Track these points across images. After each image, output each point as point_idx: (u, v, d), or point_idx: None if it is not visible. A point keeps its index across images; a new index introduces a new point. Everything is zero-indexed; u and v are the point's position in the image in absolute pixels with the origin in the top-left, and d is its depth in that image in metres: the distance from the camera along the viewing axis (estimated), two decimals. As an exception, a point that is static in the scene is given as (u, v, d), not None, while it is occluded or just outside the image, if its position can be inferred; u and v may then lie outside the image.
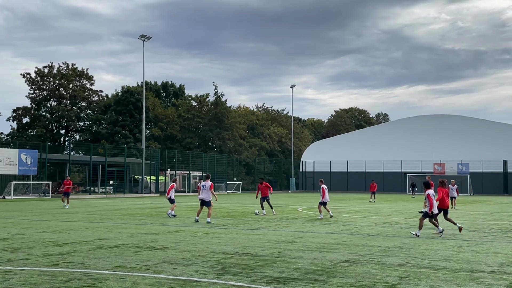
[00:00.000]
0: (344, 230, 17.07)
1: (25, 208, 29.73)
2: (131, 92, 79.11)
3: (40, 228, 17.51)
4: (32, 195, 45.91)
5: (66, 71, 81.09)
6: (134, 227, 18.09)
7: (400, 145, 72.32)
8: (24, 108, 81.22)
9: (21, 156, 43.29)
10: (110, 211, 27.19)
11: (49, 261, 10.51)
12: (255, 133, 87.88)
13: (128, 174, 54.03)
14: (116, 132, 77.25)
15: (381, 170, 70.75)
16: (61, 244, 13.24)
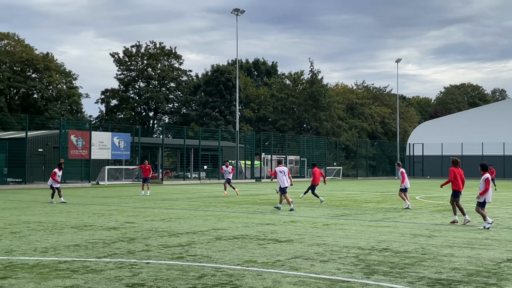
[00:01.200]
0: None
1: (123, 194, 30.64)
2: (221, 71, 79.94)
3: (147, 216, 17.76)
4: (125, 180, 47.55)
5: (154, 50, 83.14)
6: (244, 216, 17.93)
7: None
8: (112, 90, 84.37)
9: (114, 140, 44.80)
10: (211, 198, 27.40)
11: (171, 253, 10.42)
12: (355, 113, 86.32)
13: (221, 159, 54.65)
14: (206, 114, 78.50)
15: (501, 153, 67.23)
16: (176, 234, 13.23)
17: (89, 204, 23.07)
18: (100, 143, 43.64)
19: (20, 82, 72.21)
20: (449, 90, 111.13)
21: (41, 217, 17.17)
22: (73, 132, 42.30)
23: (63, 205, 22.34)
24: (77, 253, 10.47)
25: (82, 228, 14.32)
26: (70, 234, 13.21)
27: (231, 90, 79.52)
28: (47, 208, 20.63)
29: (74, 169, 43.61)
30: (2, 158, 40.77)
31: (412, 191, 35.65)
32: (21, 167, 40.81)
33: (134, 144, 47.50)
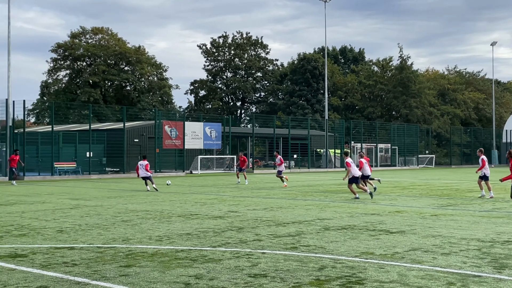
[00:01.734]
0: None
1: (218, 183, 31.03)
2: (308, 60, 79.39)
3: (248, 205, 17.81)
4: (216, 169, 48.25)
5: (240, 40, 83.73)
6: (345, 205, 17.62)
7: None
8: (200, 80, 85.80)
9: (206, 129, 45.51)
10: (306, 187, 27.24)
11: (284, 243, 10.31)
12: (447, 99, 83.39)
13: (310, 148, 54.36)
14: (293, 103, 78.33)
15: None
16: (283, 224, 13.14)
17: (188, 193, 23.48)
18: (192, 133, 44.46)
19: (114, 75, 74.82)
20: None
21: (146, 206, 17.59)
22: (167, 123, 43.31)
23: (166, 194, 22.84)
24: (191, 242, 10.57)
25: (189, 217, 14.51)
26: (179, 222, 13.41)
27: (318, 78, 78.88)
28: (150, 197, 21.15)
29: (168, 158, 44.71)
30: (101, 148, 42.37)
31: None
32: (118, 157, 42.27)
33: (225, 133, 48.04)
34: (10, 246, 10.12)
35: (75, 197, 21.39)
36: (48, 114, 73.90)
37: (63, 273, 7.84)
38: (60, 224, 13.25)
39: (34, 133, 44.62)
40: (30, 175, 36.27)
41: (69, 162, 39.91)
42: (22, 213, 15.62)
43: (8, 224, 13.28)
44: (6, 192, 24.35)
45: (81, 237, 11.24)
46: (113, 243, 10.42)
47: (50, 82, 77.45)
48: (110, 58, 76.10)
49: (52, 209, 16.66)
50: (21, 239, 11.01)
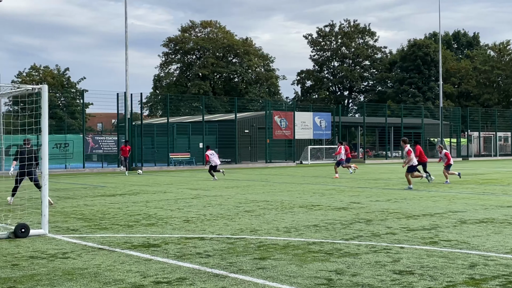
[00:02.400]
0: None
1: (331, 173, 30.46)
2: (419, 46, 76.63)
3: (369, 196, 17.19)
4: (326, 160, 47.63)
5: (348, 28, 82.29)
6: (475, 197, 16.53)
7: None
8: (307, 71, 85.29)
9: (315, 119, 44.99)
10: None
11: (421, 237, 9.66)
12: None
13: (423, 137, 52.39)
14: (403, 91, 75.99)
15: None
16: (412, 216, 12.42)
17: (303, 183, 23.15)
18: (302, 123, 44.11)
19: (222, 67, 76.05)
20: None
21: (265, 196, 17.42)
22: (277, 113, 43.24)
23: (281, 184, 22.63)
24: (320, 234, 10.17)
25: (311, 208, 14.13)
26: (302, 213, 13.06)
27: (429, 65, 75.98)
28: (266, 187, 21.02)
29: (278, 149, 44.69)
30: (213, 139, 43.02)
31: None
32: (230, 147, 42.76)
33: (335, 123, 47.29)
34: (142, 236, 10.19)
35: (194, 187, 21.66)
36: (161, 107, 76.50)
37: (199, 264, 7.69)
38: (185, 214, 13.31)
39: (150, 125, 46.12)
40: (147, 165, 37.46)
41: (183, 153, 40.87)
42: (147, 203, 15.92)
43: (136, 213, 13.52)
44: (128, 182, 25.17)
45: (208, 227, 11.17)
46: (241, 234, 10.23)
47: (162, 76, 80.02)
48: (218, 50, 77.39)
49: (174, 199, 16.88)
50: (151, 228, 11.10)
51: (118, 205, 15.32)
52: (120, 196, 17.92)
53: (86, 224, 11.82)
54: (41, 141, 10.49)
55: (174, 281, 6.81)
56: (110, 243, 9.45)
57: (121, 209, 14.50)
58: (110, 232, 10.72)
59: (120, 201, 16.54)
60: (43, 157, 10.53)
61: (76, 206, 15.29)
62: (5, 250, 8.87)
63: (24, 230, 10.05)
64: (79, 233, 10.64)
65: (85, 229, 11.07)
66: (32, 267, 7.66)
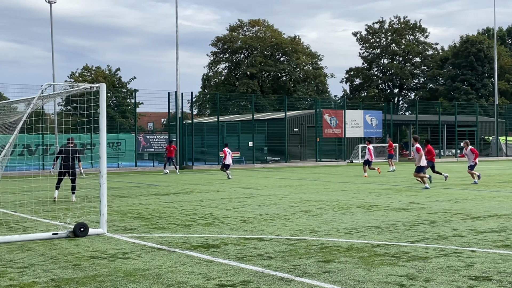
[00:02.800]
0: None
1: (383, 173, 29.83)
2: (472, 42, 74.57)
3: (428, 196, 16.64)
4: (377, 158, 46.78)
5: (398, 25, 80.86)
6: (541, 198, 15.81)
7: None
8: (356, 68, 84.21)
9: (366, 117, 44.26)
10: (484, 177, 25.22)
11: (491, 240, 9.17)
12: None
13: (477, 135, 50.93)
14: (455, 88, 74.12)
15: None
16: (478, 217, 11.89)
17: (358, 182, 22.68)
18: (352, 121, 43.47)
19: (270, 66, 75.79)
20: None
21: (320, 196, 17.08)
22: (327, 111, 42.73)
23: (335, 184, 22.24)
24: (383, 235, 9.79)
25: (370, 208, 13.73)
26: (361, 214, 12.68)
27: (483, 62, 73.88)
28: (319, 187, 20.67)
29: (328, 147, 44.16)
30: (262, 138, 42.86)
31: None
32: (279, 146, 42.49)
33: (386, 121, 46.43)
34: (200, 236, 10.03)
35: (246, 186, 21.49)
36: (209, 106, 76.85)
37: (262, 266, 7.45)
38: (241, 213, 13.11)
39: (199, 124, 46.29)
40: (198, 164, 37.56)
41: (233, 151, 40.80)
42: (201, 202, 15.81)
43: (191, 212, 13.40)
44: (180, 180, 25.20)
45: (266, 227, 10.93)
46: (301, 235, 9.95)
47: (210, 75, 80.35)
48: (266, 49, 77.18)
49: (228, 198, 16.72)
50: (208, 228, 10.94)
51: (173, 204, 15.25)
52: (174, 195, 17.88)
53: (143, 223, 11.75)
54: (99, 140, 10.45)
55: (238, 284, 6.58)
56: (169, 243, 9.31)
57: (176, 208, 14.42)
58: (168, 231, 10.60)
59: (174, 200, 16.48)
60: (101, 156, 10.48)
61: (131, 205, 15.30)
62: (66, 250, 8.84)
63: (83, 229, 10.03)
64: (137, 232, 10.56)
65: (143, 229, 10.99)
66: (94, 267, 7.57)
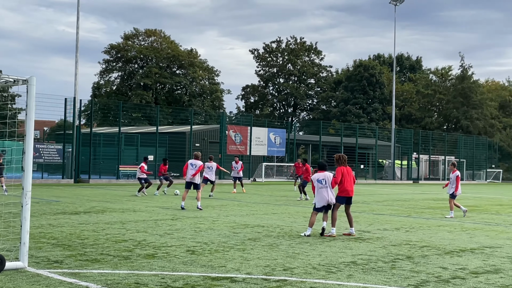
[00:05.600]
0: None
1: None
2: (365, 67, 76.79)
3: (371, 223, 15.49)
4: (277, 177, 46.02)
5: (294, 45, 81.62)
6: (488, 228, 15.15)
7: None
8: (252, 86, 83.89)
9: (270, 136, 43.35)
10: (398, 201, 24.77)
11: (503, 285, 7.95)
12: (508, 111, 79.77)
13: (376, 157, 51.78)
14: (348, 110, 75.76)
15: None
16: (450, 252, 10.76)
17: (280, 204, 21.26)
18: (257, 139, 42.36)
19: (166, 78, 73.47)
20: None
21: (253, 219, 15.42)
22: (232, 127, 41.30)
23: (257, 204, 20.68)
24: (373, 276, 8.30)
25: (323, 237, 12.24)
26: (319, 244, 11.15)
27: (374, 86, 76.29)
28: (244, 208, 19.00)
29: (230, 165, 42.58)
30: (162, 152, 40.56)
31: None
32: (180, 161, 40.39)
33: (289, 140, 45.81)
34: (152, 274, 7.99)
35: (162, 205, 19.38)
36: (99, 116, 72.88)
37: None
38: (181, 241, 11.14)
39: (95, 135, 43.13)
40: (94, 177, 34.63)
41: (131, 165, 38.19)
42: (123, 224, 13.61)
43: (120, 239, 11.24)
44: (83, 196, 22.52)
45: (225, 262, 9.08)
46: (276, 274, 8.23)
47: (102, 84, 76.53)
48: (162, 60, 74.82)
49: (152, 220, 14.62)
50: (154, 261, 8.90)
51: (91, 227, 12.93)
52: (86, 215, 15.45)
53: (68, 253, 9.47)
54: (24, 148, 8.17)
55: None
56: (118, 284, 7.23)
57: (98, 232, 12.15)
58: (107, 266, 8.46)
59: (89, 221, 14.12)
60: (25, 168, 8.20)
61: (40, 226, 12.79)
62: (-18, 296, 6.52)
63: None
64: (67, 266, 8.33)
65: (71, 261, 8.74)
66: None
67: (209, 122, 67.54)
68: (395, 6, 52.15)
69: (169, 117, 66.38)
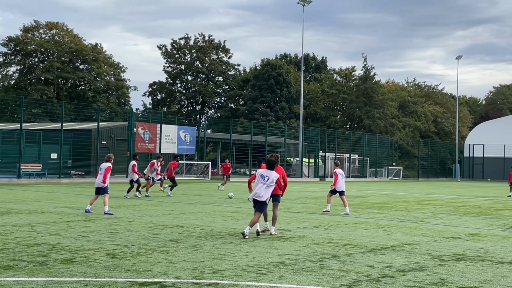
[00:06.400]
0: None
1: (211, 192, 28.46)
2: (272, 66, 77.59)
3: (290, 221, 15.47)
4: (185, 176, 45.47)
5: (203, 43, 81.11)
6: (399, 224, 15.56)
7: None
8: (160, 83, 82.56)
9: (180, 133, 42.75)
10: (312, 199, 25.09)
11: (431, 283, 8.06)
12: (407, 111, 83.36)
13: (285, 156, 52.33)
14: (256, 109, 76.26)
15: None
16: (373, 249, 10.89)
17: (196, 203, 20.91)
18: (166, 137, 41.61)
19: (68, 73, 70.75)
20: (499, 90, 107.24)
21: (170, 219, 14.98)
22: (141, 125, 40.32)
23: (172, 204, 20.21)
24: (304, 277, 8.17)
25: (244, 237, 12.05)
26: (244, 245, 10.95)
27: (281, 85, 77.27)
28: (159, 208, 18.48)
29: (140, 163, 41.57)
30: (67, 150, 38.96)
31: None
32: (85, 159, 39.05)
33: (199, 138, 45.39)
34: (74, 281, 7.45)
35: (71, 205, 18.46)
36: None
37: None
38: (99, 244, 10.56)
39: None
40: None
41: (33, 163, 36.36)
42: (32, 227, 12.77)
43: (32, 242, 10.50)
44: (-18, 197, 21.08)
45: (149, 265, 8.65)
46: (206, 277, 7.92)
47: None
48: (65, 55, 71.91)
49: (63, 222, 13.84)
50: (74, 267, 8.32)
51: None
52: (-11, 217, 14.41)
53: (-24, 260, 8.69)
54: None
55: None
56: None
57: (6, 235, 11.31)
58: (22, 273, 7.81)
59: (-6, 224, 13.15)
60: None
61: None
62: None
63: None
64: (-23, 276, 7.61)
65: (-19, 270, 8.01)
66: None
67: (114, 119, 65.76)
68: (303, 6, 52.96)
69: (71, 113, 63.95)
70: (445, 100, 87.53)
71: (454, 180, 67.66)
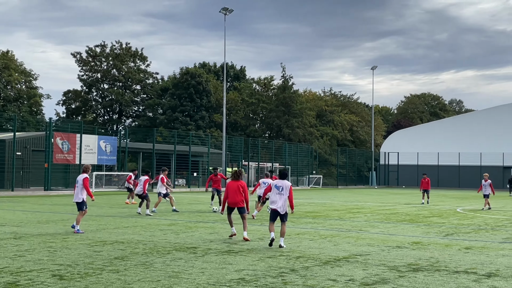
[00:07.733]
0: None
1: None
2: (192, 75, 76.96)
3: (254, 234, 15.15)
4: (105, 187, 44.07)
5: (120, 50, 79.33)
6: (344, 234, 15.56)
7: (501, 136, 68.58)
8: (74, 91, 79.95)
9: (100, 143, 41.38)
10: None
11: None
12: (324, 120, 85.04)
13: (208, 165, 51.88)
14: (175, 118, 75.30)
15: (478, 163, 67.24)
16: (324, 261, 10.76)
17: (131, 216, 20.12)
18: (86, 147, 40.16)
19: (-24, 80, 67.10)
20: (410, 99, 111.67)
21: (110, 235, 14.27)
22: (59, 135, 38.67)
23: (106, 218, 19.34)
24: (272, 293, 7.88)
25: (194, 251, 11.60)
26: (195, 261, 10.52)
27: (201, 94, 76.78)
28: (93, 222, 17.62)
29: (58, 174, 39.99)
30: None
31: (417, 201, 33.77)
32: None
33: (120, 148, 44.17)
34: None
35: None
36: None
37: None
38: (41, 264, 9.81)
39: None
40: None
41: None
42: (-42, 248, 11.76)
43: (-36, 266, 9.60)
44: None
45: (106, 287, 8.09)
46: (170, 298, 7.47)
47: None
48: (-28, 61, 68.16)
49: (-8, 241, 12.87)
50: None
51: None
52: None
53: None
54: None
55: None
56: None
57: None
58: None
59: None
60: None
61: None
62: None
63: None
64: None
65: None
66: None
67: (27, 129, 62.96)
68: (224, 15, 52.83)
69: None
70: (360, 109, 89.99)
71: (371, 187, 69.49)
